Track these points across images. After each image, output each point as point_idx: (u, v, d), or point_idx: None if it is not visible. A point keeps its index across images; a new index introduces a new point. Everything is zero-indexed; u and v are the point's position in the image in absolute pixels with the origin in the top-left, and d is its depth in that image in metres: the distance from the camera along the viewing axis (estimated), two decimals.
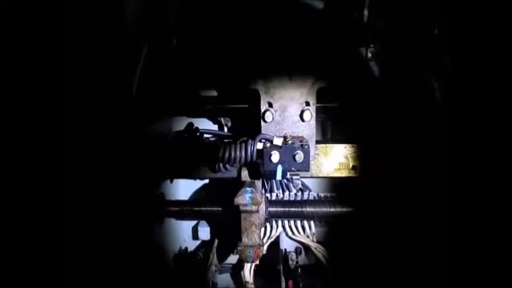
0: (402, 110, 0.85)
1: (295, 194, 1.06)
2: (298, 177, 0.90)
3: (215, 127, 1.21)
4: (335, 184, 1.12)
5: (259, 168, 0.93)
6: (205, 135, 1.09)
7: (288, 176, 0.91)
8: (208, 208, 1.03)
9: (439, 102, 0.77)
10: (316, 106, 0.93)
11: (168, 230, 1.15)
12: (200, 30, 0.95)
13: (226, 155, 0.92)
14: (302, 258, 1.10)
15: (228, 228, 0.98)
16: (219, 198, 1.01)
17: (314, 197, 1.06)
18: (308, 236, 1.05)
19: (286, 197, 1.06)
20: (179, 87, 1.04)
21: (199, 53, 0.96)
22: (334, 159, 0.97)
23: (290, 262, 1.01)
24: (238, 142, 0.93)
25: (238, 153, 0.91)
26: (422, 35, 0.78)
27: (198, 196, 1.24)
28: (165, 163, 1.06)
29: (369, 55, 0.88)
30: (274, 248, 1.10)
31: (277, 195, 1.07)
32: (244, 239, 0.90)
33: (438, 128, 0.77)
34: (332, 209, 0.97)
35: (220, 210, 1.01)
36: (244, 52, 0.97)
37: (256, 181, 0.96)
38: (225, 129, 1.19)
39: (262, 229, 1.07)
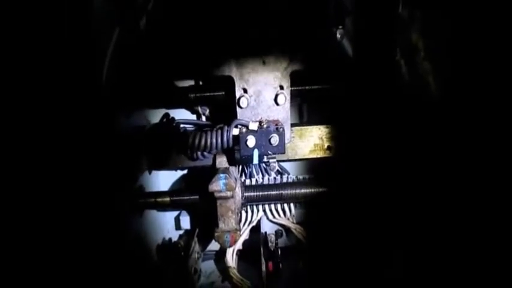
0: (372, 89, 0.87)
1: (274, 178, 1.07)
2: (274, 160, 0.91)
3: (193, 116, 1.21)
4: (313, 166, 1.14)
5: (236, 154, 0.94)
6: (182, 125, 1.09)
7: (265, 159, 0.92)
8: (186, 197, 1.03)
9: (405, 80, 0.79)
10: (291, 89, 0.94)
11: (151, 221, 1.15)
12: (170, 16, 0.93)
13: (203, 142, 0.92)
14: (283, 240, 1.12)
15: (208, 215, 0.98)
16: (197, 187, 1.01)
17: (293, 180, 1.08)
18: (288, 219, 1.07)
19: (265, 182, 1.08)
20: (152, 76, 1.03)
21: (169, 40, 0.95)
22: (310, 141, 0.99)
23: (270, 244, 1.03)
24: (214, 129, 0.93)
25: (214, 139, 0.91)
26: (387, 15, 0.80)
27: (179, 186, 1.24)
28: (143, 155, 1.05)
29: (338, 36, 0.89)
30: (258, 232, 1.12)
31: (256, 180, 1.08)
32: (221, 225, 0.91)
33: (406, 105, 0.79)
34: (308, 190, 0.99)
35: (198, 198, 1.01)
36: (216, 39, 0.96)
37: (231, 167, 0.97)
38: (203, 117, 1.19)
39: (244, 214, 1.09)
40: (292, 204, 1.08)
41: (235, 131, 0.90)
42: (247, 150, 0.88)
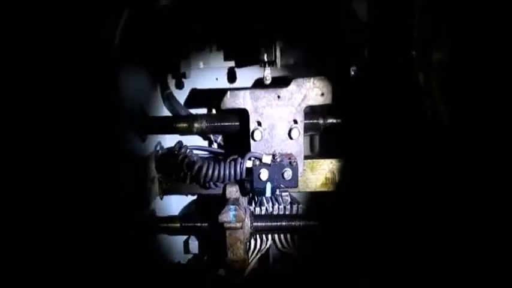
0: (385, 125, 0.88)
1: (284, 208, 1.08)
2: (287, 193, 0.93)
3: (205, 143, 1.23)
4: (325, 198, 1.14)
5: (246, 185, 0.96)
6: (195, 151, 1.11)
7: (277, 192, 0.93)
8: (196, 224, 1.04)
9: (419, 119, 0.80)
10: (304, 123, 0.96)
11: (160, 244, 1.16)
12: None
13: (216, 173, 0.94)
14: (291, 269, 1.12)
15: (216, 241, 0.99)
16: (207, 214, 1.03)
17: (303, 210, 1.08)
18: (297, 248, 1.07)
19: (275, 211, 1.08)
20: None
21: None
22: (321, 174, 1.00)
23: (278, 272, 1.03)
24: (228, 160, 0.95)
25: (227, 171, 0.93)
26: (402, 55, 0.81)
27: (189, 211, 1.25)
28: (156, 180, 1.07)
29: (352, 73, 0.91)
30: (266, 260, 1.13)
31: (266, 209, 1.09)
32: (230, 255, 0.92)
33: (419, 144, 0.80)
34: (317, 223, 0.99)
35: (208, 226, 1.02)
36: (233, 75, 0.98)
37: (241, 197, 0.98)
38: (215, 145, 1.21)
39: (253, 242, 1.09)
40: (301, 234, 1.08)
41: (248, 164, 0.92)
42: (260, 183, 0.90)
